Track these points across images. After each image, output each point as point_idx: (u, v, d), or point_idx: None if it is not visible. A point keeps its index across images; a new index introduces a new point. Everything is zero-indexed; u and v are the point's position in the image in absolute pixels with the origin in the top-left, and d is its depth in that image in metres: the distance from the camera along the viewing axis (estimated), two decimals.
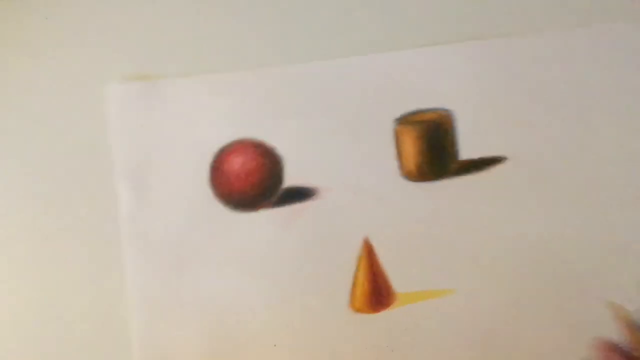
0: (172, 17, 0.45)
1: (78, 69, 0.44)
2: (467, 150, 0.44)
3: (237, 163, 0.43)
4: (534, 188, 0.43)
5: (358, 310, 0.42)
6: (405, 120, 0.44)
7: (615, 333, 0.37)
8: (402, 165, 0.43)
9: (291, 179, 0.43)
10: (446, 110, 0.44)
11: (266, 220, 0.43)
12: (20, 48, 0.44)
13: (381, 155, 0.43)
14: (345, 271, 0.43)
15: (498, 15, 0.44)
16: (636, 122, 0.43)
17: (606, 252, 0.42)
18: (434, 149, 0.43)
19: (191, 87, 0.44)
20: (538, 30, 0.44)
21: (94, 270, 0.43)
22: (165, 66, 0.44)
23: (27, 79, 0.44)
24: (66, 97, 0.44)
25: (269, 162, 0.43)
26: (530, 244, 0.42)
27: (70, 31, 0.45)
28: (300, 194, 0.43)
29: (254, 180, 0.43)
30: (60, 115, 0.44)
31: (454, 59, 0.44)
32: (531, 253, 0.42)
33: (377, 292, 0.42)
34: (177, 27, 0.44)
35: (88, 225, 0.43)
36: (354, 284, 0.42)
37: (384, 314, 0.42)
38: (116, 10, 0.45)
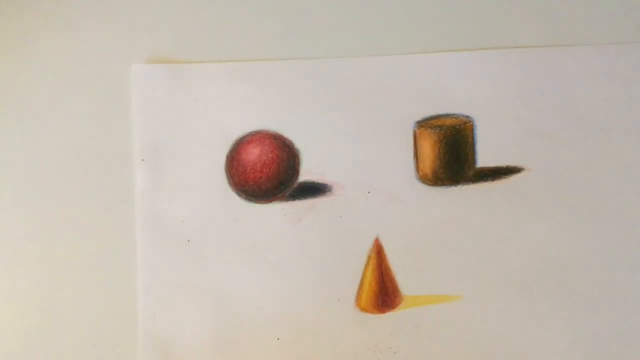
0: (200, 1, 0.45)
1: (104, 48, 0.44)
2: (485, 158, 0.43)
3: (254, 154, 0.43)
4: (550, 200, 0.43)
5: (364, 309, 0.42)
6: (425, 124, 0.43)
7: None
8: (418, 168, 0.43)
9: (306, 173, 0.43)
10: (467, 117, 0.44)
11: (279, 213, 0.43)
12: (47, 25, 0.44)
13: (398, 157, 0.43)
14: (353, 269, 0.43)
15: (526, 26, 0.44)
16: None
17: (620, 267, 0.42)
18: (452, 154, 0.43)
19: (215, 74, 0.44)
20: (564, 44, 0.44)
21: (105, 246, 0.43)
22: (190, 50, 0.44)
23: (53, 55, 0.44)
24: (91, 74, 0.44)
25: (286, 155, 0.43)
26: (543, 255, 0.42)
27: (98, 10, 0.45)
28: (314, 189, 0.43)
29: (269, 173, 0.43)
30: (84, 91, 0.44)
31: (479, 66, 0.44)
32: (543, 265, 0.42)
33: (384, 293, 0.42)
34: (204, 12, 0.44)
35: (103, 203, 0.43)
36: (362, 283, 0.42)
37: (389, 315, 0.42)
38: None
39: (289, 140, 0.44)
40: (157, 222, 0.43)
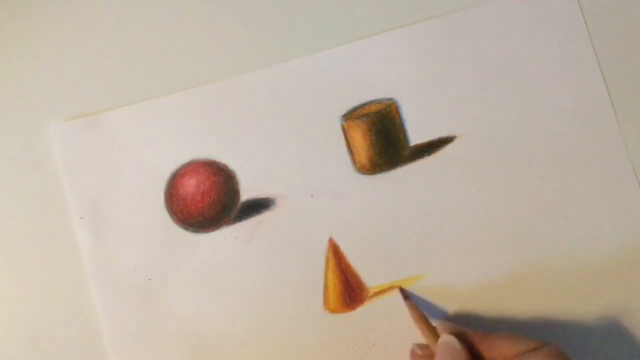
0: (103, 51, 0.44)
1: (17, 112, 0.44)
2: (416, 135, 0.44)
3: (190, 185, 0.43)
4: (489, 161, 0.43)
5: (333, 311, 0.42)
6: (351, 116, 0.44)
7: None
8: (355, 161, 0.43)
9: (247, 192, 0.43)
10: (390, 99, 0.44)
11: (229, 237, 0.43)
12: None
13: (332, 154, 0.43)
14: (314, 275, 0.43)
15: None
16: (576, 82, 0.43)
17: (570, 219, 0.42)
18: (383, 139, 0.43)
19: (134, 115, 0.43)
20: (470, 5, 0.44)
21: (64, 315, 0.42)
22: (103, 99, 0.44)
23: None
24: (7, 145, 0.43)
25: (222, 179, 0.43)
26: (495, 218, 0.43)
27: (5, 80, 0.44)
28: (258, 206, 0.43)
29: (210, 200, 0.43)
30: (4, 165, 0.43)
31: (390, 47, 0.44)
32: (496, 227, 0.43)
33: (349, 290, 0.42)
34: (107, 60, 0.44)
35: (52, 274, 0.43)
36: (326, 286, 0.42)
37: (359, 311, 0.42)
38: (41, 54, 0.44)
39: (222, 164, 0.43)
40: (110, 275, 0.42)
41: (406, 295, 0.42)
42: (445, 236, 0.43)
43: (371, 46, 0.44)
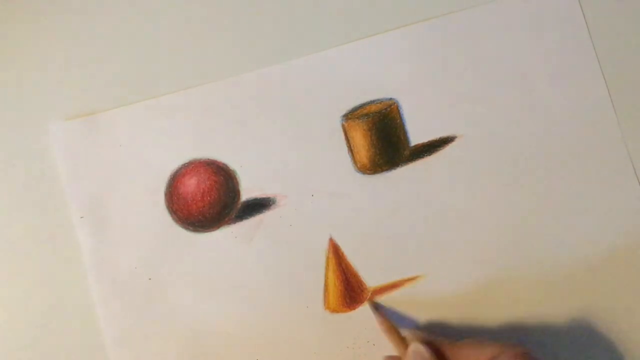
0: (103, 51, 0.44)
1: (16, 116, 0.44)
2: (417, 135, 0.44)
3: (191, 185, 0.43)
4: (490, 162, 0.43)
5: (334, 310, 0.42)
6: (352, 115, 0.44)
7: None
8: (355, 161, 0.43)
9: (247, 192, 0.43)
10: (391, 99, 0.44)
11: (229, 236, 0.43)
12: None
13: (333, 154, 0.43)
14: (315, 274, 0.43)
15: None
16: (577, 82, 0.43)
17: (572, 219, 0.42)
18: (384, 139, 0.43)
19: (135, 115, 0.43)
20: (469, 6, 0.44)
21: (65, 315, 0.42)
22: (105, 98, 0.44)
23: None
24: (8, 144, 0.43)
25: (223, 179, 0.43)
26: (495, 218, 0.43)
27: (6, 79, 0.44)
28: (258, 206, 0.43)
29: (211, 199, 0.43)
30: (4, 164, 0.43)
31: (390, 47, 0.44)
32: (496, 227, 0.43)
33: (350, 290, 0.42)
34: (109, 60, 0.44)
35: (52, 274, 0.43)
36: (326, 286, 0.42)
37: (360, 310, 0.42)
38: (39, 54, 0.44)
39: (223, 164, 0.43)
40: (110, 275, 0.42)
41: (376, 307, 0.42)
42: (445, 236, 0.43)
43: (371, 46, 0.44)
